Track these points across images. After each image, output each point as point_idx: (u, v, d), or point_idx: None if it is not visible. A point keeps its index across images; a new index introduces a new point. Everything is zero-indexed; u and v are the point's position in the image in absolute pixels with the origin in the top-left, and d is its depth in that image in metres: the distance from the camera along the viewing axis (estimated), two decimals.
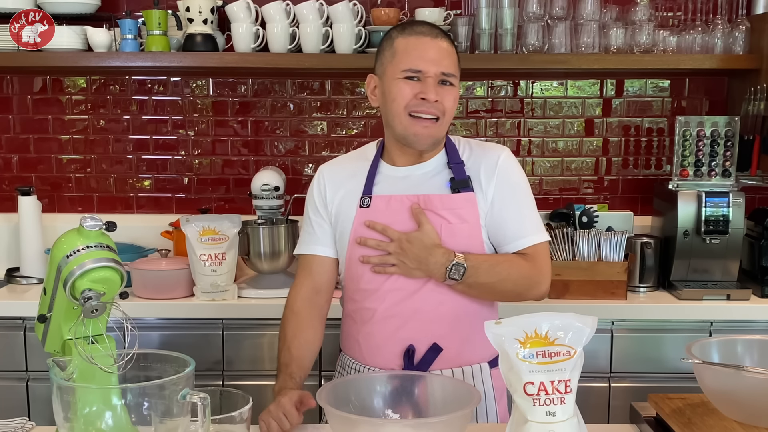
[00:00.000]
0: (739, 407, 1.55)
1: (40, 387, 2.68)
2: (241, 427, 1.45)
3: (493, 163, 1.80)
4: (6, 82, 3.21)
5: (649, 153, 3.26)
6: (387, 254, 1.75)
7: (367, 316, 1.80)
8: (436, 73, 1.73)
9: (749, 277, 2.88)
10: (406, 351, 1.76)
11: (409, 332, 1.76)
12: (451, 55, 1.76)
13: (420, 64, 1.72)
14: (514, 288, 1.78)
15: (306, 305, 1.88)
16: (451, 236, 1.75)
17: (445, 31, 1.84)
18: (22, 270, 2.98)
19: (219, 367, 2.70)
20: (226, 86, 3.22)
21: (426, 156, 1.82)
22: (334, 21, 2.88)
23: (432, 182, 1.80)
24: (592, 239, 2.76)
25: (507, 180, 1.80)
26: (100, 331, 1.47)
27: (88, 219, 1.44)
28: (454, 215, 1.76)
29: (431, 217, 1.75)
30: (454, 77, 1.76)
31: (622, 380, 2.71)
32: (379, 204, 1.79)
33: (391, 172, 1.83)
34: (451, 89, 1.75)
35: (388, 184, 1.82)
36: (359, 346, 1.83)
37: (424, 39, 1.74)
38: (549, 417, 1.35)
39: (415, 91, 1.73)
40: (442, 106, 1.73)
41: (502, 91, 3.23)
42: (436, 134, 1.76)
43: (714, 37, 2.93)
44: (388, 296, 1.77)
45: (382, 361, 1.79)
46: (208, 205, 3.24)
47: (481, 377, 1.79)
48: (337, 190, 1.85)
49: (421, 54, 1.73)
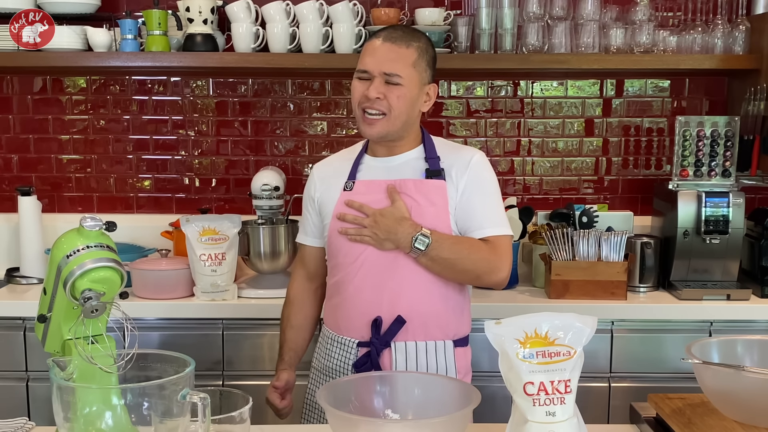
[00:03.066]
0: (739, 407, 1.55)
1: (40, 387, 2.68)
2: (241, 427, 1.45)
3: (467, 161, 1.97)
4: (6, 82, 3.21)
5: (649, 153, 3.26)
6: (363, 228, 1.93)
7: (342, 290, 1.99)
8: (380, 73, 1.90)
9: (749, 277, 2.88)
10: (373, 322, 1.93)
11: (377, 306, 1.93)
12: (401, 58, 1.90)
13: (366, 65, 1.92)
14: (474, 268, 1.93)
15: (299, 292, 2.18)
16: (419, 216, 1.92)
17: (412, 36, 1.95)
18: (22, 270, 2.98)
19: (219, 367, 2.70)
20: (226, 86, 3.22)
21: (401, 148, 2.00)
22: (334, 21, 2.88)
23: (408, 170, 1.98)
24: (592, 239, 2.76)
25: (478, 175, 1.97)
26: (100, 331, 1.47)
27: (88, 219, 1.44)
28: (424, 198, 1.94)
29: (404, 199, 1.93)
30: (398, 77, 1.89)
31: (622, 380, 2.71)
32: (361, 187, 1.99)
33: (372, 162, 2.02)
34: (396, 88, 1.90)
35: (370, 171, 2.01)
36: (335, 317, 2.02)
37: (377, 42, 1.93)
38: (549, 417, 1.35)
39: (364, 89, 1.92)
40: (386, 103, 1.90)
41: (502, 91, 3.23)
42: (385, 128, 1.93)
43: (714, 37, 2.93)
44: (360, 271, 1.95)
45: (353, 331, 1.97)
46: (208, 205, 3.25)
47: (444, 353, 1.95)
48: (324, 184, 2.05)
49: (370, 55, 1.92)
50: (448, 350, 1.96)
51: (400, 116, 1.91)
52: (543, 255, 2.82)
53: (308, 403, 2.12)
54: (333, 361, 2.00)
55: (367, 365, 1.92)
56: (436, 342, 1.95)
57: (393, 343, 1.92)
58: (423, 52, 1.94)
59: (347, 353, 1.97)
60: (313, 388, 2.10)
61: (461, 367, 1.99)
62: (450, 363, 1.96)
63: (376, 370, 1.91)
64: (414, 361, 1.92)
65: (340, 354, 1.99)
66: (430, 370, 1.93)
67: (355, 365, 1.94)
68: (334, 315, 2.02)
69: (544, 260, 2.82)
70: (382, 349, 1.92)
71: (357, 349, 1.95)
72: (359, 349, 1.95)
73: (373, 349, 1.92)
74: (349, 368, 1.96)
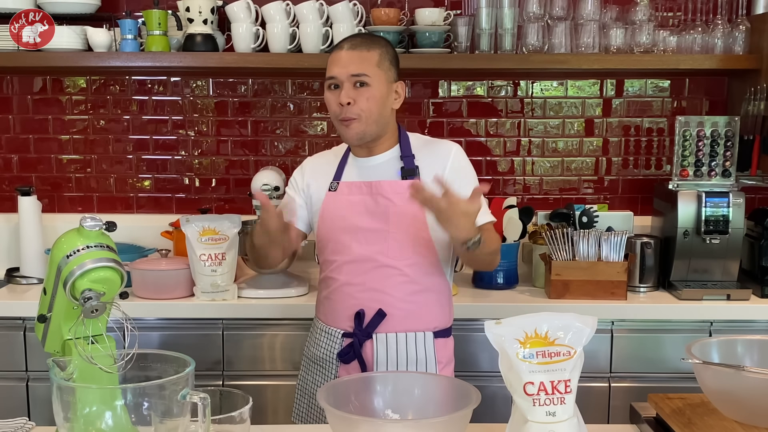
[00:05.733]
0: (739, 407, 1.55)
1: (40, 387, 2.68)
2: (241, 427, 1.45)
3: (446, 153, 2.06)
4: (6, 82, 3.21)
5: (649, 153, 3.26)
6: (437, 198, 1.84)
7: (330, 283, 2.10)
8: (347, 77, 1.98)
9: (749, 277, 2.88)
10: (356, 314, 2.03)
11: (361, 299, 2.03)
12: (365, 59, 1.98)
13: (333, 72, 2.00)
14: (494, 259, 2.08)
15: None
16: (397, 216, 2.01)
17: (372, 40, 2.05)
18: (22, 270, 2.98)
19: (219, 367, 2.70)
20: (226, 86, 3.22)
21: (379, 148, 2.07)
22: (334, 21, 2.88)
23: (385, 171, 2.06)
24: (592, 239, 2.76)
25: (460, 166, 2.06)
26: (100, 331, 1.47)
27: (88, 219, 1.44)
28: (400, 198, 2.00)
29: (382, 201, 2.02)
30: (366, 76, 1.97)
31: (622, 380, 2.71)
32: (344, 188, 2.08)
33: (354, 162, 2.11)
34: (365, 89, 1.97)
35: (352, 172, 2.10)
36: (324, 309, 2.13)
37: (340, 52, 2.01)
38: (549, 417, 1.35)
39: (336, 98, 1.99)
40: (357, 108, 1.97)
41: (502, 91, 3.23)
42: (361, 130, 2.00)
43: (714, 37, 2.93)
44: (345, 267, 2.05)
45: (339, 323, 2.07)
46: (208, 205, 3.25)
47: (424, 343, 2.04)
48: (314, 178, 2.14)
49: (335, 64, 2.00)
50: (428, 341, 2.05)
51: (372, 116, 2.00)
52: (543, 255, 2.82)
53: (298, 391, 2.20)
54: (320, 350, 2.11)
55: (350, 354, 2.03)
56: (416, 333, 2.04)
57: (375, 335, 2.03)
58: (384, 52, 2.03)
59: (333, 343, 2.07)
60: (304, 375, 2.19)
61: (442, 357, 2.08)
62: (430, 353, 2.05)
63: (358, 359, 2.03)
64: (395, 352, 2.03)
65: (327, 343, 2.09)
66: (410, 360, 2.03)
67: (339, 354, 2.05)
68: (323, 307, 2.13)
69: (544, 260, 2.82)
70: (364, 340, 2.03)
71: (342, 340, 2.06)
72: (344, 339, 2.06)
73: (356, 339, 2.03)
74: (334, 357, 2.06)
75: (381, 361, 2.01)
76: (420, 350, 2.04)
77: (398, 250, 2.02)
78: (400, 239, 2.02)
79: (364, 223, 2.03)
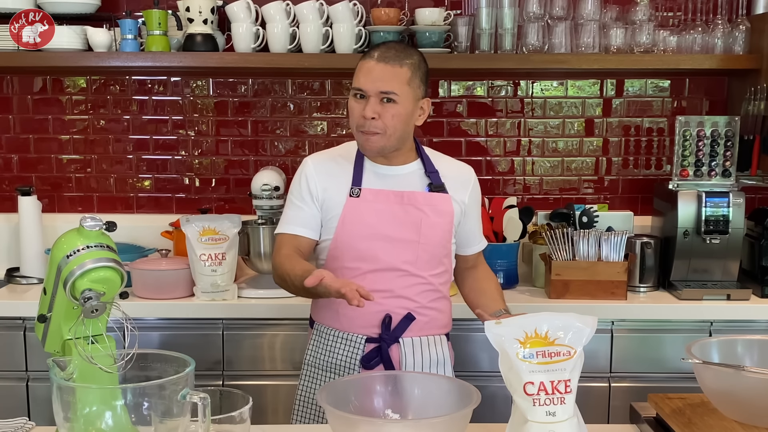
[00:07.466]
0: (739, 407, 1.55)
1: (40, 387, 2.68)
2: (241, 427, 1.45)
3: (467, 178, 2.14)
4: (6, 82, 3.21)
5: (649, 153, 3.26)
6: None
7: None
8: (375, 93, 1.94)
9: (749, 277, 2.88)
10: (383, 319, 2.01)
11: (386, 305, 2.01)
12: (396, 77, 1.94)
13: (362, 84, 1.96)
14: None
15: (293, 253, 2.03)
16: (430, 227, 2.03)
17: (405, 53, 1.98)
18: (22, 270, 2.98)
19: (219, 367, 2.70)
20: (226, 86, 3.22)
21: (397, 159, 2.05)
22: (334, 21, 2.88)
23: (411, 182, 2.06)
24: (592, 239, 2.76)
25: (477, 194, 2.17)
26: (100, 331, 1.47)
27: (88, 219, 1.44)
28: (433, 210, 2.04)
29: (413, 212, 2.02)
30: (394, 94, 1.94)
31: (622, 380, 2.71)
32: (368, 195, 2.03)
33: (376, 169, 2.06)
34: (391, 106, 1.95)
35: (376, 178, 2.05)
36: (338, 315, 2.05)
37: (371, 62, 1.96)
38: (549, 417, 1.36)
39: (360, 109, 1.96)
40: (381, 123, 1.95)
41: (502, 91, 3.23)
42: (381, 145, 1.98)
43: (714, 37, 2.93)
44: (369, 276, 2.00)
45: (362, 329, 2.03)
46: (208, 205, 3.25)
47: (441, 344, 2.10)
48: (325, 180, 2.05)
49: (365, 75, 1.96)
50: (444, 343, 2.11)
51: (396, 132, 1.98)
52: (543, 255, 2.82)
53: (300, 400, 2.12)
54: (337, 356, 2.03)
55: (376, 359, 2.01)
56: (434, 336, 2.09)
57: (401, 339, 2.02)
58: (416, 69, 1.98)
59: (355, 349, 2.02)
60: (308, 385, 2.10)
61: (450, 356, 2.15)
62: (446, 354, 2.11)
63: (385, 363, 2.00)
64: (420, 355, 2.04)
65: (347, 349, 2.03)
66: (432, 361, 2.05)
67: (362, 360, 2.01)
68: (337, 313, 2.05)
69: (544, 260, 2.82)
70: (391, 344, 2.01)
71: (365, 345, 2.02)
72: (366, 345, 2.02)
73: (384, 344, 2.01)
74: (357, 363, 2.01)
75: (408, 365, 2.02)
76: (438, 352, 2.08)
77: (427, 261, 2.04)
78: (430, 251, 2.04)
79: (393, 232, 2.00)
